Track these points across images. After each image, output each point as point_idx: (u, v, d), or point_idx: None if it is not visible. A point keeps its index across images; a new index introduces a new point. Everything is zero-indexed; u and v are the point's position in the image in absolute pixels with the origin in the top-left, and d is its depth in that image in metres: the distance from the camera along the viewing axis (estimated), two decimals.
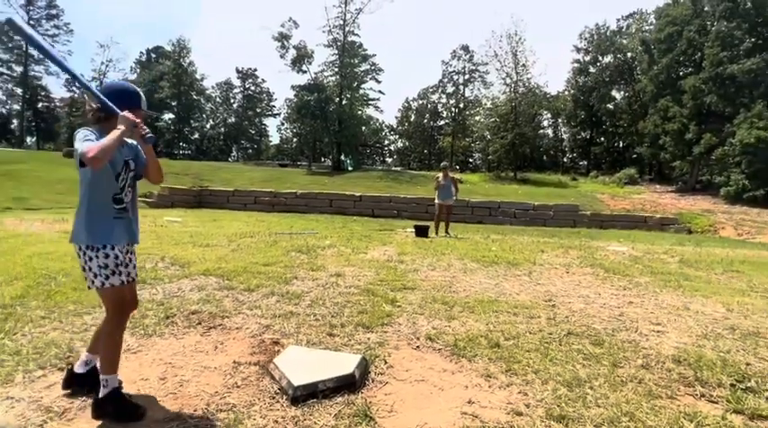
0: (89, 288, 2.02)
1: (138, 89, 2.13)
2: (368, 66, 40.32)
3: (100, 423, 1.90)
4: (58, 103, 60.10)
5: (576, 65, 46.20)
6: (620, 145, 45.67)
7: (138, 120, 1.92)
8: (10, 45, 54.23)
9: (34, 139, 58.49)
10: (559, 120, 51.14)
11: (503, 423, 2.00)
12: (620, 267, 6.33)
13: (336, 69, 37.34)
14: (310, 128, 39.70)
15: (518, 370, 2.57)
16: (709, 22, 28.80)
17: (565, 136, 52.41)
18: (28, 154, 26.71)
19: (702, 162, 27.63)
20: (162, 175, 2.20)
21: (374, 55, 40.25)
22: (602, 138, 47.02)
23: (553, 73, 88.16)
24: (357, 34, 38.12)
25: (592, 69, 45.01)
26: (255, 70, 64.36)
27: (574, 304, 4.19)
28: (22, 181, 15.62)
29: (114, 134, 1.81)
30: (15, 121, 57.97)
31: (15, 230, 7.37)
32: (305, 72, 36.25)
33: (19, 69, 55.17)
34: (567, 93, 47.92)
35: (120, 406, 1.95)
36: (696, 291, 4.89)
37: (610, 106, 43.54)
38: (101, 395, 1.95)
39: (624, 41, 41.88)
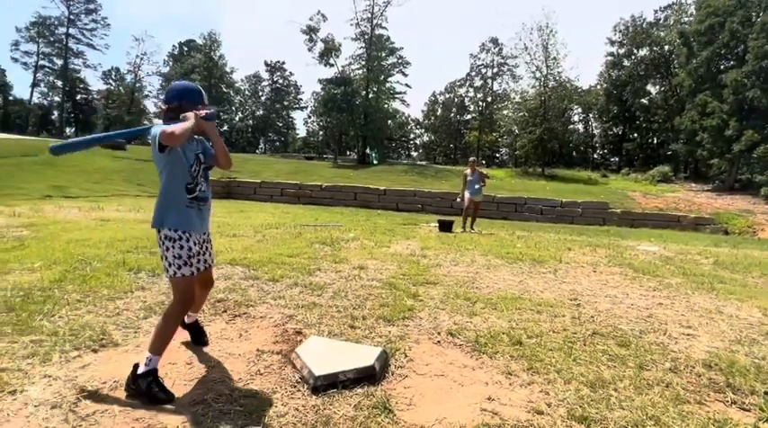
0: (166, 276, 2.23)
1: (200, 87, 2.37)
2: (395, 60, 40.14)
3: (129, 404, 1.98)
4: (95, 95, 62.29)
5: (609, 58, 44.73)
6: (654, 141, 44.09)
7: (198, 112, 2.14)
8: (51, 39, 56.41)
9: (73, 130, 60.83)
10: (590, 115, 49.79)
11: (523, 421, 1.98)
12: (651, 267, 6.15)
13: (363, 62, 37.35)
14: (336, 121, 39.93)
15: (540, 369, 2.54)
16: (754, 13, 27.40)
17: (596, 131, 51.01)
18: None
19: (742, 160, 26.41)
20: (230, 160, 2.38)
21: (401, 48, 40.06)
22: (635, 134, 45.49)
23: (585, 66, 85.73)
24: (385, 27, 38.01)
25: (626, 63, 43.50)
26: (284, 63, 65.13)
27: (600, 304, 4.10)
28: (62, 170, 16.28)
29: (185, 122, 2.08)
30: (56, 113, 60.44)
31: (54, 217, 7.70)
32: (332, 65, 36.43)
33: (59, 62, 57.39)
34: (599, 87, 46.53)
35: (152, 386, 2.00)
36: (731, 294, 4.71)
37: (644, 101, 42.00)
38: (140, 370, 2.03)
39: (661, 34, 40.26)
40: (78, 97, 60.71)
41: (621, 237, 10.84)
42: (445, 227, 9.80)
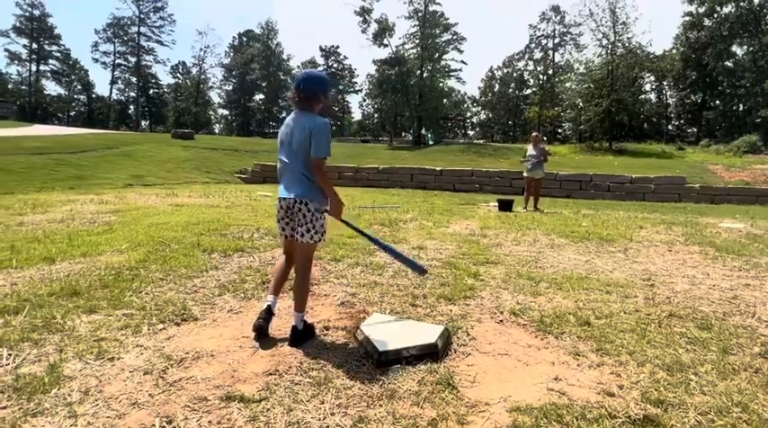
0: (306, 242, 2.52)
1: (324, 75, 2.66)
2: (449, 36, 39.10)
3: (211, 372, 2.14)
4: (165, 89, 66.27)
5: (687, 18, 40.75)
6: (740, 108, 39.86)
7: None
8: (125, 38, 60.46)
9: (147, 123, 65.33)
10: (665, 83, 45.85)
11: (593, 402, 1.92)
12: (735, 246, 5.65)
13: (417, 41, 36.70)
14: (391, 102, 39.73)
15: (610, 350, 2.44)
16: None
17: (671, 100, 46.98)
18: (143, 136, 29.92)
19: None
20: None
21: (456, 24, 38.89)
22: (717, 102, 41.37)
23: (659, 30, 78.23)
24: (438, 3, 37.00)
25: (707, 22, 39.40)
26: (338, 47, 65.57)
27: (677, 284, 3.84)
28: (139, 160, 17.59)
29: (332, 192, 2.54)
30: (132, 107, 65.15)
31: (136, 203, 8.37)
32: (386, 46, 36.09)
33: (133, 60, 61.55)
34: (674, 51, 42.62)
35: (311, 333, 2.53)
36: None
37: (728, 64, 38.01)
38: (300, 327, 2.47)
39: None
40: (151, 92, 64.96)
41: (700, 214, 10.01)
42: (505, 206, 9.55)
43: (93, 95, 65.12)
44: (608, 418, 1.80)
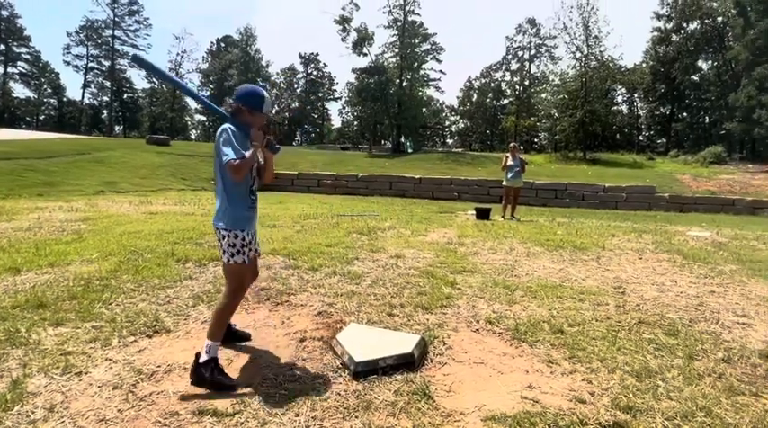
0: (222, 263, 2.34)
1: (265, 94, 2.39)
2: (428, 46, 39.56)
3: (183, 386, 2.09)
4: (140, 94, 64.91)
5: (656, 34, 42.32)
6: (706, 121, 41.54)
7: (268, 136, 2.34)
8: (99, 41, 59.11)
9: (121, 128, 63.78)
10: (635, 96, 47.42)
11: (565, 410, 1.96)
12: (702, 253, 5.86)
13: (397, 50, 37.02)
14: (371, 110, 39.88)
15: (582, 358, 2.49)
16: None
17: (641, 112, 48.57)
18: (116, 141, 29.19)
19: None
20: (273, 177, 2.61)
21: (435, 34, 39.38)
22: (685, 114, 43.00)
23: (629, 44, 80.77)
24: (418, 13, 37.43)
25: (674, 38, 41.01)
26: (317, 55, 65.55)
27: (646, 291, 3.96)
28: (112, 166, 17.14)
29: (251, 153, 2.18)
30: (105, 112, 63.56)
31: (108, 211, 8.15)
32: (365, 55, 36.21)
33: (107, 64, 60.17)
34: (644, 65, 44.19)
35: (215, 373, 2.08)
36: None
37: (694, 78, 39.56)
38: (202, 359, 2.10)
39: (714, 4, 37.61)
40: (125, 96, 63.54)
41: (670, 223, 10.35)
42: (483, 214, 9.67)
43: (65, 99, 63.22)
44: (579, 425, 1.84)
